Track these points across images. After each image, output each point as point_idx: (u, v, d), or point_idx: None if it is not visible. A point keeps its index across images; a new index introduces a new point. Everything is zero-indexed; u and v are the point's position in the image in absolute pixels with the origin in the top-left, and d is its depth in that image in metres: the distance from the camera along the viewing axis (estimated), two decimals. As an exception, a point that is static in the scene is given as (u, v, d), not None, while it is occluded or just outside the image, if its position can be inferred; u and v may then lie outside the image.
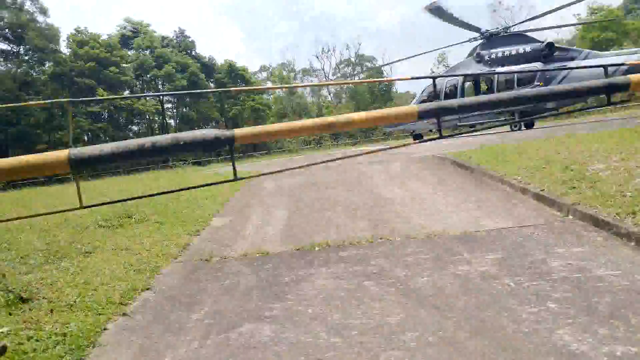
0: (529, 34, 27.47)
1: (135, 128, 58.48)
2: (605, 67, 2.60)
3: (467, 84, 27.46)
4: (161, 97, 58.43)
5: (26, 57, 49.24)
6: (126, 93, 55.22)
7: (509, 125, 25.09)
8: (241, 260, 5.49)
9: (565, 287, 3.90)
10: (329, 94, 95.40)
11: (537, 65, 23.86)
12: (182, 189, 2.47)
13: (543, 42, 25.27)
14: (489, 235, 5.50)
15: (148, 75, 55.82)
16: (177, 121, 60.73)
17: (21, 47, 47.98)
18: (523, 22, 28.03)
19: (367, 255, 5.16)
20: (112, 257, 5.75)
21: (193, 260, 5.63)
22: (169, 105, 61.06)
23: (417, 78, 3.65)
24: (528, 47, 24.81)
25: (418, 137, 29.44)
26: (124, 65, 55.07)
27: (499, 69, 25.03)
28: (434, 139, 2.62)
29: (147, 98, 58.74)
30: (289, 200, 8.91)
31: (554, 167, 7.47)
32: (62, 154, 2.32)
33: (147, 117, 58.42)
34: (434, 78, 3.31)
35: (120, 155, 2.37)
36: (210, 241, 6.49)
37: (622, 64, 4.10)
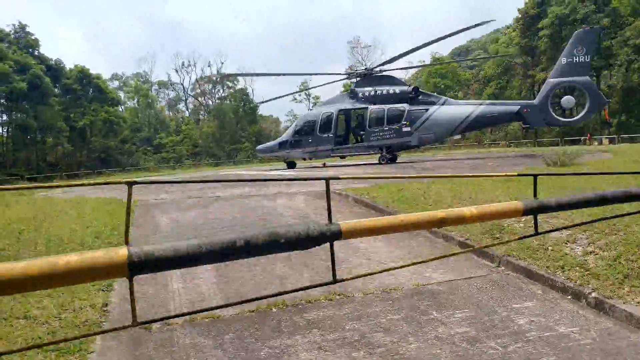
0: (389, 73, 30.15)
1: None
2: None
3: (341, 116, 28.81)
4: None
5: None
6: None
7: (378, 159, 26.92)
8: (190, 327, 4.70)
9: (547, 349, 4.08)
10: (187, 110, 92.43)
11: (405, 106, 26.18)
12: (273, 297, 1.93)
13: (410, 86, 27.84)
14: (443, 290, 5.60)
15: (-28, 72, 47.19)
16: (10, 130, 52.39)
17: None
18: (385, 63, 30.50)
19: (336, 318, 4.82)
20: (4, 330, 4.47)
21: (127, 329, 4.66)
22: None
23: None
24: (397, 89, 27.07)
25: (291, 165, 29.89)
26: None
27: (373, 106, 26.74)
28: (529, 236, 2.51)
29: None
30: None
31: (469, 215, 8.01)
32: (118, 253, 1.64)
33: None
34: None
35: (201, 255, 1.77)
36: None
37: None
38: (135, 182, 2.05)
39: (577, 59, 23.11)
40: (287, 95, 60.80)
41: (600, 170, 12.82)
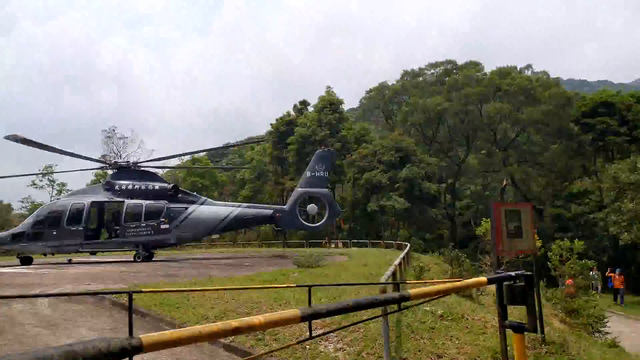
0: (150, 169, 29.69)
1: None
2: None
3: (94, 209, 26.42)
4: None
5: None
6: None
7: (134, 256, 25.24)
8: None
9: None
10: None
11: (164, 202, 25.79)
12: None
13: (170, 184, 27.77)
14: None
15: None
16: None
17: None
18: (149, 161, 30.13)
19: None
20: None
21: None
22: None
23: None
24: (157, 185, 26.64)
25: (26, 260, 25.35)
26: None
27: (130, 201, 25.52)
28: (304, 340, 2.90)
29: None
30: None
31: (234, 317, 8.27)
32: None
33: None
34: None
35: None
36: None
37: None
38: None
39: (319, 174, 27.34)
40: (23, 176, 52.14)
41: (339, 271, 14.97)
